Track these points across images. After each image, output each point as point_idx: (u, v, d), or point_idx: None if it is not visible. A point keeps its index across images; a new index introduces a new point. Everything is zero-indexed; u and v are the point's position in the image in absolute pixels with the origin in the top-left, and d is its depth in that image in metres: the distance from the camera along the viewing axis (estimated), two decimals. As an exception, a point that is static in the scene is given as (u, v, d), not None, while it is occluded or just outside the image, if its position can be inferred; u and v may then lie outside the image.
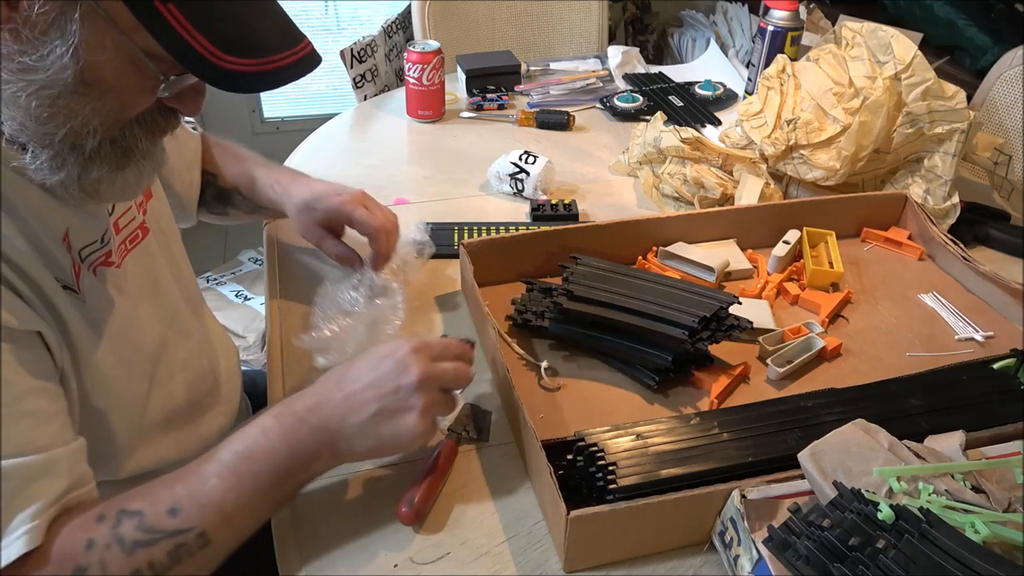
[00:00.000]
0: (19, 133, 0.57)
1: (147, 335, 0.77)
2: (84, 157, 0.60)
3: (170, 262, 0.83)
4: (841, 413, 0.75)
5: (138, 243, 0.77)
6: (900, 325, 0.96)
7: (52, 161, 0.59)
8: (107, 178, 0.63)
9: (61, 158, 0.59)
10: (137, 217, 0.78)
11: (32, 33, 0.53)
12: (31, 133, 0.57)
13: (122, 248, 0.75)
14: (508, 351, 0.89)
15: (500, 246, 0.97)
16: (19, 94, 0.55)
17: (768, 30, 1.40)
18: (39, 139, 0.58)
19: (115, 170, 0.63)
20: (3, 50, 0.53)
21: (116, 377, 0.70)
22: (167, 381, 0.80)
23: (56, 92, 0.55)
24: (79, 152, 0.60)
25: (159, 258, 0.81)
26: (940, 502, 0.61)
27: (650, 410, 0.82)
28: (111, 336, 0.70)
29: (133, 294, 0.75)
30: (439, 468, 0.72)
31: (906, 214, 1.12)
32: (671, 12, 2.65)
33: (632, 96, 1.48)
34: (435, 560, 0.67)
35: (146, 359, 0.76)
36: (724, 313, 0.85)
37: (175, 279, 0.84)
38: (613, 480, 0.67)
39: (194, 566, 0.59)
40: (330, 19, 2.52)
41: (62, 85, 0.55)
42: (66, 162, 0.60)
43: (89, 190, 0.63)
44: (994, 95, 1.54)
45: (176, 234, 0.88)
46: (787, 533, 0.61)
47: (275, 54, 0.58)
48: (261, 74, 0.58)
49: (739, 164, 1.17)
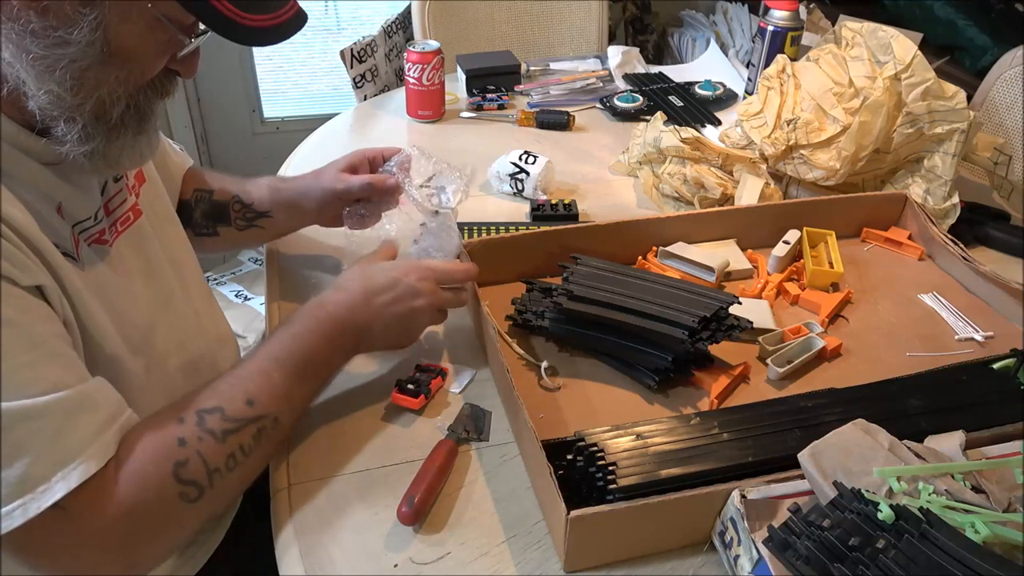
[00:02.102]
0: (52, 107, 0.60)
1: (141, 313, 0.77)
2: (110, 126, 0.64)
3: (164, 245, 0.83)
4: (841, 413, 0.75)
5: (130, 225, 0.77)
6: (900, 325, 0.96)
7: (82, 132, 0.62)
8: (128, 144, 0.66)
9: (88, 129, 0.62)
10: (129, 199, 0.78)
11: (63, 8, 0.56)
12: (65, 105, 0.60)
13: (114, 229, 0.75)
14: (508, 351, 0.89)
15: (500, 246, 0.97)
16: (52, 68, 0.58)
17: (768, 30, 1.40)
18: (71, 111, 0.61)
19: (135, 136, 0.66)
20: (36, 26, 0.56)
21: (113, 345, 0.70)
22: (163, 362, 0.79)
23: (86, 64, 0.58)
24: (105, 121, 0.63)
25: (152, 240, 0.81)
26: (940, 502, 0.61)
27: (650, 410, 0.82)
28: (107, 305, 0.71)
29: (126, 274, 0.75)
30: (439, 468, 0.72)
31: (906, 214, 1.12)
32: (671, 12, 2.64)
33: (632, 96, 1.48)
34: (435, 560, 0.67)
35: (139, 334, 0.76)
36: (724, 313, 0.85)
37: (169, 262, 0.83)
38: (613, 480, 0.67)
39: (270, 444, 0.69)
40: (330, 19, 2.52)
41: (92, 56, 0.58)
42: (95, 132, 0.63)
43: (113, 159, 0.66)
44: (994, 95, 1.54)
45: (172, 219, 0.88)
46: (787, 533, 0.61)
47: (277, 10, 0.64)
48: (273, 28, 0.63)
49: (739, 164, 1.17)
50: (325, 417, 0.80)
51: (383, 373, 0.86)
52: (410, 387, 0.81)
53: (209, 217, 0.98)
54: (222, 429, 0.65)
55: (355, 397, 0.83)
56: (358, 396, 0.83)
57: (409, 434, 0.79)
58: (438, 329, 0.93)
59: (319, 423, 0.80)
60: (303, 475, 0.74)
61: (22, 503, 0.55)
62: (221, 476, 0.64)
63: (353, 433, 0.79)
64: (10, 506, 0.55)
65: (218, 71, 2.37)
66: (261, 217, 0.98)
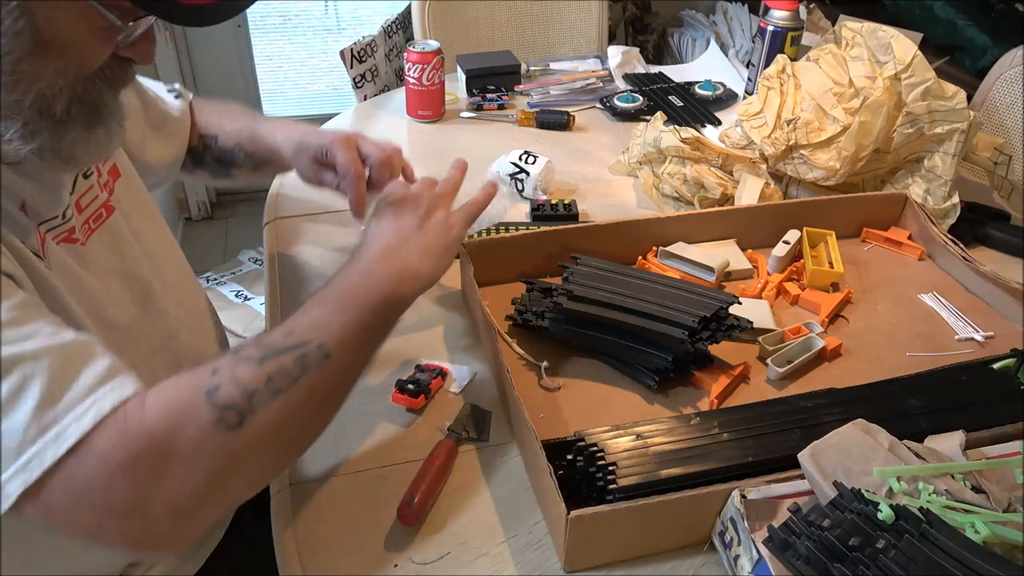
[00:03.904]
0: None
1: (120, 312, 0.75)
2: (55, 121, 0.59)
3: (141, 241, 0.81)
4: (841, 413, 0.75)
5: (103, 222, 0.76)
6: (900, 325, 0.96)
7: (24, 129, 0.58)
8: (80, 139, 0.62)
9: (32, 125, 0.59)
10: (100, 196, 0.76)
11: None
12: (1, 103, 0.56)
13: (86, 227, 0.73)
14: (508, 351, 0.89)
15: (500, 246, 0.97)
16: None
17: (768, 30, 1.40)
18: (8, 108, 0.57)
19: (87, 130, 0.62)
20: None
21: None
22: (148, 360, 0.78)
23: (17, 56, 0.55)
24: (49, 116, 0.59)
25: (127, 237, 0.79)
26: (940, 502, 0.61)
27: (650, 410, 0.82)
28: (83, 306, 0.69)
29: (101, 272, 0.74)
30: (439, 468, 0.73)
31: (906, 214, 1.12)
32: (671, 12, 2.64)
33: (632, 96, 1.48)
34: (435, 560, 0.67)
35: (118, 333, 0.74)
36: (724, 313, 0.85)
37: (147, 258, 0.82)
38: (613, 480, 0.67)
39: (322, 378, 0.61)
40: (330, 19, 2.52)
41: (22, 48, 0.54)
42: (38, 129, 0.59)
43: (66, 155, 0.62)
44: (994, 95, 1.54)
45: (149, 213, 0.86)
46: (787, 533, 0.61)
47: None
48: (218, 4, 0.59)
49: (739, 164, 1.17)
50: (325, 417, 0.80)
51: (383, 373, 0.86)
52: (410, 387, 0.81)
53: (220, 162, 0.99)
54: (259, 356, 0.60)
55: (355, 397, 0.82)
56: (358, 396, 0.82)
57: (409, 434, 0.79)
58: (438, 329, 0.93)
59: (319, 423, 0.80)
60: (303, 475, 0.74)
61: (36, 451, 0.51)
62: (262, 401, 0.57)
63: (353, 433, 0.79)
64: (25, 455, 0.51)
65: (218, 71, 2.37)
66: (263, 164, 0.99)
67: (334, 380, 0.64)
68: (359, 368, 0.67)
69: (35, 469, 0.51)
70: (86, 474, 0.52)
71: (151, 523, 0.54)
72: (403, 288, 0.71)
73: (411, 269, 0.72)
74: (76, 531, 0.54)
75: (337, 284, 0.68)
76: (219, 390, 0.56)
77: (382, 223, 0.76)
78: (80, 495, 0.52)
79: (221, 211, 2.65)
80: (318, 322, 0.64)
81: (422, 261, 0.74)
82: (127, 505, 0.53)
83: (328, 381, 0.63)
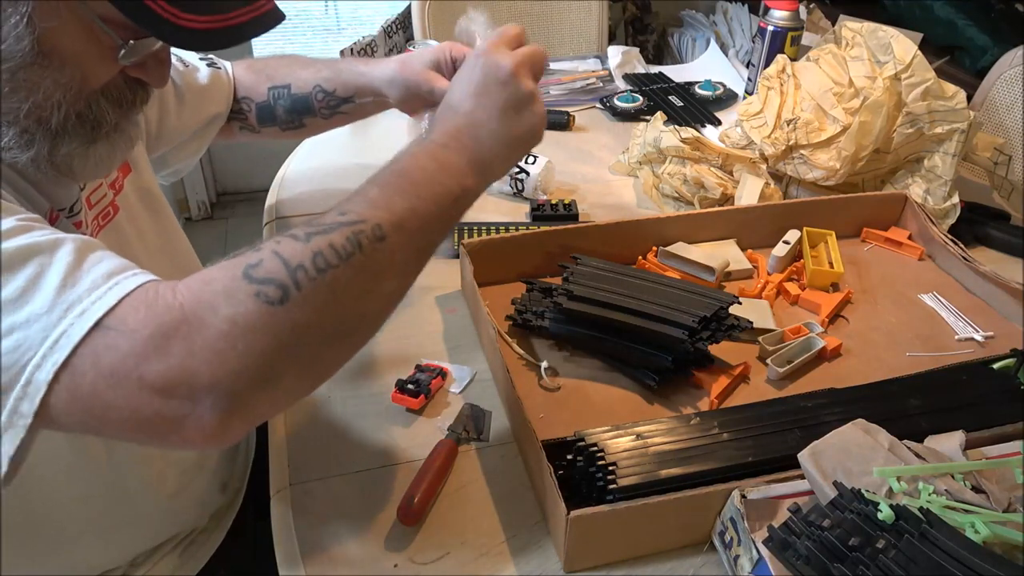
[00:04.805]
0: None
1: None
2: (51, 132, 0.59)
3: (143, 239, 0.81)
4: (841, 413, 0.75)
5: (109, 220, 0.76)
6: (900, 325, 0.96)
7: (20, 138, 0.58)
8: (78, 153, 0.62)
9: (29, 135, 0.58)
10: (108, 195, 0.76)
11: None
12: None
13: (95, 224, 0.73)
14: (508, 351, 0.89)
15: (500, 246, 0.97)
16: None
17: (768, 30, 1.40)
18: (4, 115, 0.57)
19: (86, 145, 0.62)
20: None
21: None
22: None
23: (15, 65, 0.54)
24: (45, 127, 0.59)
25: (131, 237, 0.79)
26: (940, 502, 0.61)
27: (650, 410, 0.82)
28: None
29: None
30: (439, 468, 0.72)
31: (906, 214, 1.12)
32: (671, 12, 2.64)
33: (632, 96, 1.48)
34: (435, 560, 0.67)
35: None
36: (724, 313, 0.85)
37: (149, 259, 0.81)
38: (613, 480, 0.67)
39: (377, 259, 0.55)
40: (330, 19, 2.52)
41: (20, 57, 0.54)
42: (34, 138, 0.59)
43: (62, 167, 0.62)
44: (994, 95, 1.54)
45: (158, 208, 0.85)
46: (787, 533, 0.61)
47: (232, 11, 0.58)
48: (220, 31, 0.57)
49: (739, 164, 1.17)
50: (325, 417, 0.80)
51: (383, 373, 0.86)
52: (410, 387, 0.81)
53: (292, 112, 0.98)
54: (306, 232, 0.54)
55: (355, 397, 0.83)
56: (358, 396, 0.83)
57: (409, 434, 0.79)
58: (438, 329, 0.93)
59: (319, 423, 0.80)
60: (303, 475, 0.74)
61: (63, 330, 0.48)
62: (308, 276, 0.51)
63: (353, 433, 0.79)
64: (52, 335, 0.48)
65: (218, 71, 2.37)
66: (345, 103, 0.97)
67: (390, 265, 0.56)
68: (418, 259, 0.60)
69: (64, 347, 0.48)
70: (117, 348, 0.48)
71: (189, 406, 0.49)
72: (473, 180, 0.63)
73: (485, 159, 0.64)
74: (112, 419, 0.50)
75: (404, 163, 0.60)
76: (260, 265, 0.51)
77: (465, 88, 0.65)
78: (112, 373, 0.48)
79: (221, 211, 2.65)
80: (376, 201, 0.57)
81: (500, 152, 0.65)
82: (164, 380, 0.48)
83: (383, 265, 0.56)
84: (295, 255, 0.52)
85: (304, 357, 0.53)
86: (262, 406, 0.52)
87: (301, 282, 0.51)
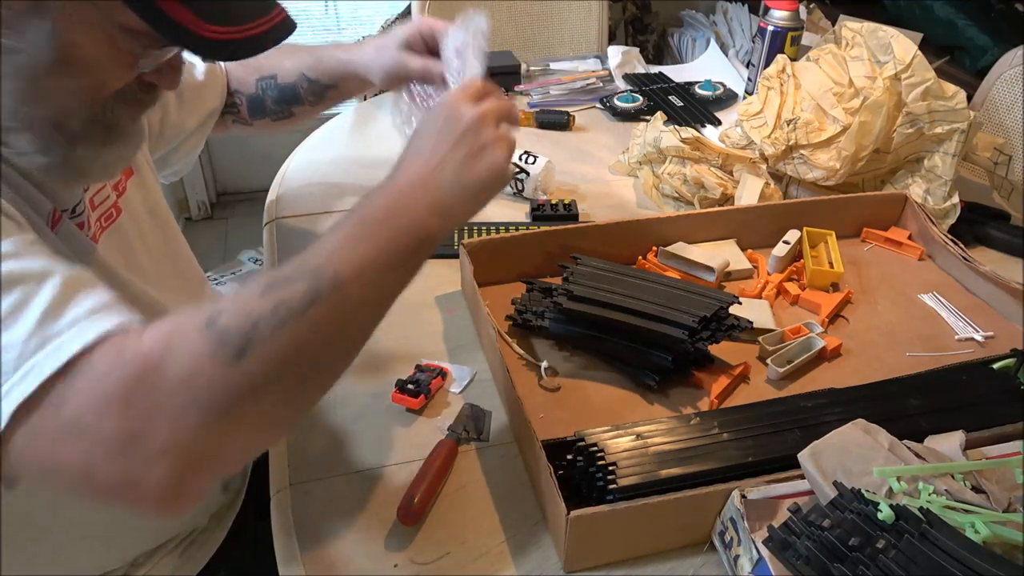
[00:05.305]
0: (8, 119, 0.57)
1: None
2: (68, 137, 0.60)
3: (145, 242, 0.81)
4: (841, 413, 0.75)
5: (112, 222, 0.76)
6: (900, 325, 0.96)
7: (37, 143, 0.59)
8: (91, 156, 0.62)
9: (45, 140, 0.59)
10: (111, 196, 0.76)
11: (11, 13, 0.53)
12: (18, 116, 0.57)
13: (98, 225, 0.74)
14: (508, 351, 0.89)
15: (500, 246, 0.97)
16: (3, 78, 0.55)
17: (768, 30, 1.40)
18: (24, 121, 0.58)
19: (100, 147, 0.63)
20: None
21: None
22: None
23: (37, 72, 0.55)
24: (63, 132, 0.59)
25: (134, 239, 0.79)
26: (940, 502, 0.61)
27: (650, 410, 0.82)
28: None
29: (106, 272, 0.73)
30: (439, 468, 0.72)
31: (906, 214, 1.12)
32: (671, 12, 2.65)
33: (632, 96, 1.48)
34: (435, 560, 0.67)
35: None
36: (724, 313, 0.85)
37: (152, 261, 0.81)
38: (613, 480, 0.67)
39: (334, 312, 0.54)
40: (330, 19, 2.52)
41: (43, 65, 0.55)
42: (51, 143, 0.60)
43: (76, 171, 0.63)
44: (994, 95, 1.54)
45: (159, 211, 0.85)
46: (787, 533, 0.61)
47: (251, 21, 0.59)
48: (240, 41, 0.58)
49: (739, 164, 1.17)
50: (325, 417, 0.80)
51: (383, 373, 0.86)
52: (410, 387, 0.81)
53: (281, 102, 0.99)
54: (264, 285, 0.53)
55: (355, 397, 0.83)
56: (358, 396, 0.83)
57: (409, 434, 0.79)
58: (438, 329, 0.93)
59: (319, 423, 0.80)
60: (303, 475, 0.74)
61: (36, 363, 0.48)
62: (267, 330, 0.51)
63: (353, 433, 0.79)
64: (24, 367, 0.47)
65: (218, 71, 2.37)
66: (330, 89, 0.99)
67: (348, 316, 0.56)
68: (377, 308, 0.59)
69: (33, 381, 0.47)
70: (79, 398, 0.48)
71: (146, 464, 0.48)
72: (435, 226, 0.61)
73: (445, 204, 0.62)
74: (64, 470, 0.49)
75: (362, 209, 0.60)
76: (220, 317, 0.51)
77: (426, 135, 0.65)
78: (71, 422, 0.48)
79: (221, 211, 2.65)
80: (334, 250, 0.57)
81: (461, 196, 0.63)
82: (120, 436, 0.47)
83: (341, 316, 0.55)
84: (255, 309, 0.52)
85: (262, 414, 0.53)
86: (217, 467, 0.52)
87: (259, 338, 0.51)
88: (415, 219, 0.60)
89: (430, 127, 0.65)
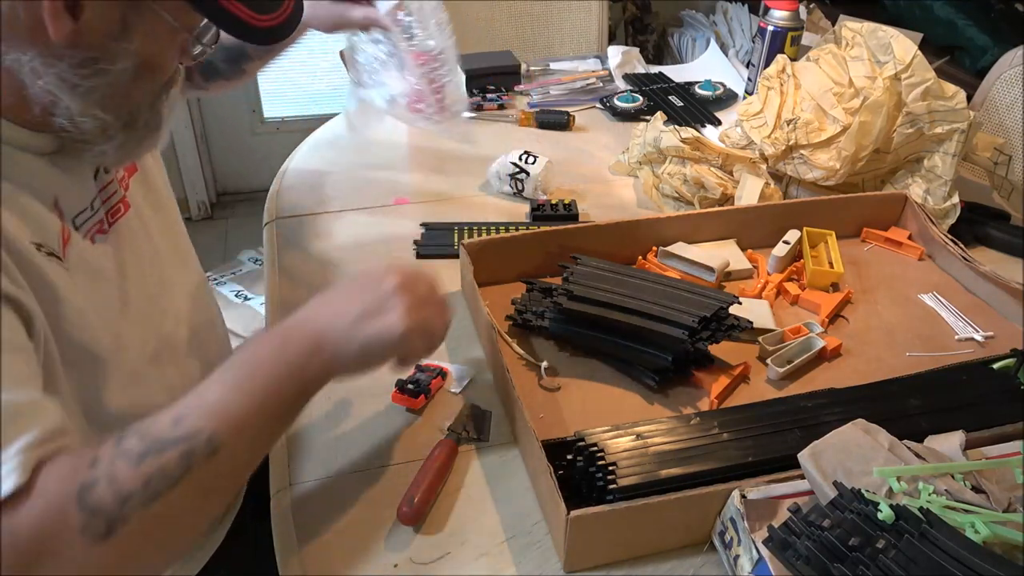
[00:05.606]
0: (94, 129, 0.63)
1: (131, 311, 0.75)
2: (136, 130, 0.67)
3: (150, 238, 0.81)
4: (841, 413, 0.75)
5: (120, 216, 0.77)
6: (900, 325, 0.96)
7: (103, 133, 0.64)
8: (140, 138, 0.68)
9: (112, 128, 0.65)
10: (119, 192, 0.77)
11: (97, 38, 0.59)
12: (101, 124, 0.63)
13: (107, 219, 0.74)
14: (508, 351, 0.89)
15: (500, 246, 0.97)
16: (92, 92, 0.61)
17: (768, 30, 1.40)
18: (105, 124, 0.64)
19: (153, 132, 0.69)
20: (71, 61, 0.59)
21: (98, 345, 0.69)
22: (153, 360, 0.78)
23: (122, 83, 0.62)
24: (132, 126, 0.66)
25: (140, 235, 0.79)
26: (940, 502, 0.61)
27: (650, 410, 0.82)
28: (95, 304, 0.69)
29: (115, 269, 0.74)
30: (439, 468, 0.73)
31: (906, 214, 1.12)
32: (671, 12, 2.65)
33: (632, 96, 1.48)
34: (435, 560, 0.67)
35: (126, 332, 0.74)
36: (724, 313, 0.85)
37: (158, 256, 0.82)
38: (613, 480, 0.67)
39: (209, 475, 0.55)
40: None
41: (126, 77, 0.62)
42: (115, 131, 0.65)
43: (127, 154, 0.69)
44: (994, 95, 1.54)
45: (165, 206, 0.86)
46: (787, 533, 0.61)
47: (277, 9, 0.67)
48: (279, 26, 0.66)
49: (739, 164, 1.17)
50: (325, 417, 0.80)
51: (383, 373, 0.85)
52: (410, 387, 0.81)
53: (230, 61, 1.01)
54: (139, 451, 0.54)
55: (355, 397, 0.83)
56: (358, 396, 0.83)
57: (409, 434, 0.79)
58: (438, 329, 0.93)
59: (319, 423, 0.80)
60: (303, 475, 0.74)
61: None
62: (136, 506, 0.52)
63: (353, 433, 0.79)
64: None
65: (218, 71, 2.37)
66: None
67: (223, 476, 0.57)
68: (255, 458, 0.60)
69: None
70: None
71: None
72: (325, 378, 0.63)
73: (342, 361, 0.63)
74: None
75: (248, 356, 0.61)
76: (93, 488, 0.52)
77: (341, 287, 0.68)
78: None
79: (221, 211, 2.65)
80: (215, 405, 0.57)
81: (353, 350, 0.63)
82: None
83: (216, 478, 0.57)
84: (127, 482, 0.52)
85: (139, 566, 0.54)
86: None
87: (129, 515, 0.52)
88: (306, 377, 0.61)
89: (351, 283, 0.69)
